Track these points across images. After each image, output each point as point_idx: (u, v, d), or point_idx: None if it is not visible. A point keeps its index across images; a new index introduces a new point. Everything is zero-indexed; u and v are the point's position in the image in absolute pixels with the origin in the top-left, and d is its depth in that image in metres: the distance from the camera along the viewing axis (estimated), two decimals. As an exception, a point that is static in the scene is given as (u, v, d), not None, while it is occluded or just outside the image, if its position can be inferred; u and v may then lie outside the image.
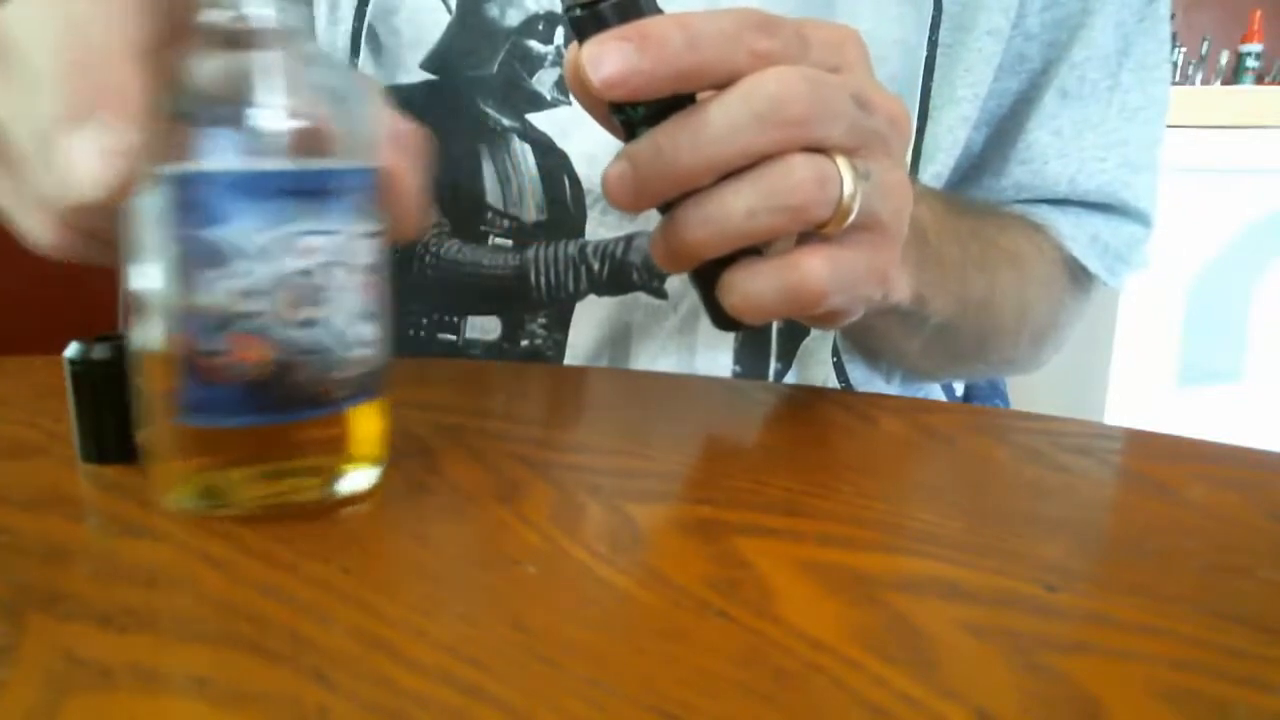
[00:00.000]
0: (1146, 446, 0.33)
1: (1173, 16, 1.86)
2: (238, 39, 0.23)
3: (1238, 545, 0.24)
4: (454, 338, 0.49)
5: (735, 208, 0.27)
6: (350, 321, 0.24)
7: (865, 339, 0.47)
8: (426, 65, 0.47)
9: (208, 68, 0.22)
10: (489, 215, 0.47)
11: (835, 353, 0.49)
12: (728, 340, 0.48)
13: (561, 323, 0.48)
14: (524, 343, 0.48)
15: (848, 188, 0.28)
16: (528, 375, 0.41)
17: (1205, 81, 1.91)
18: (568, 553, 0.22)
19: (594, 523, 0.24)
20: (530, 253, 0.47)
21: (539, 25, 0.45)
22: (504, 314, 0.48)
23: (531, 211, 0.47)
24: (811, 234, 0.29)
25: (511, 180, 0.47)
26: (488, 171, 0.47)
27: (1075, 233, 0.49)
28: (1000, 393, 0.75)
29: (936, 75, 0.47)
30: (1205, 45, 1.90)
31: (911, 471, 0.30)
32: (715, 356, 0.48)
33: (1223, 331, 1.47)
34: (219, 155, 0.22)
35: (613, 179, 0.28)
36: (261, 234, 0.22)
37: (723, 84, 0.27)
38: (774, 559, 0.22)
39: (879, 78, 0.46)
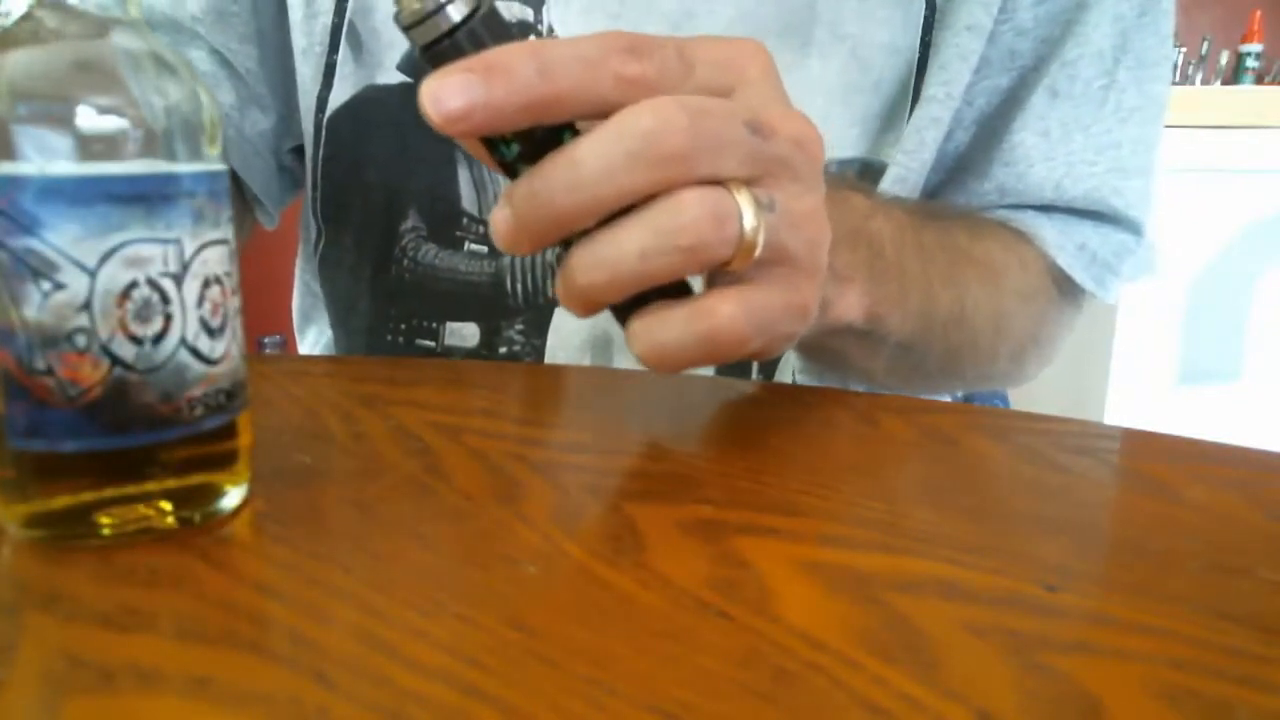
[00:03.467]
0: (1146, 446, 0.33)
1: (1173, 16, 1.85)
2: (57, 28, 0.21)
3: (1238, 545, 0.24)
4: (433, 343, 0.49)
5: (626, 250, 0.25)
6: (195, 336, 0.22)
7: (824, 360, 0.45)
8: (403, 67, 0.46)
9: (23, 60, 0.20)
10: (464, 221, 0.47)
11: (792, 372, 0.49)
12: None
13: (539, 329, 0.48)
14: (502, 349, 0.48)
15: (748, 222, 0.26)
16: (527, 375, 0.41)
17: (1205, 81, 1.91)
18: (568, 553, 0.22)
19: (594, 523, 0.24)
20: (506, 260, 0.47)
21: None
22: (481, 320, 0.48)
23: None
24: (720, 272, 0.27)
25: (488, 187, 0.47)
26: (463, 178, 0.47)
27: (1061, 240, 0.47)
28: (1000, 393, 0.75)
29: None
30: (1205, 45, 1.90)
31: (911, 471, 0.30)
32: (696, 372, 0.48)
33: (1223, 331, 1.48)
34: (35, 157, 0.20)
35: (497, 223, 0.26)
36: (85, 243, 0.20)
37: (593, 114, 0.25)
38: (774, 559, 0.22)
39: (865, 83, 0.46)
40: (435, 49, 0.25)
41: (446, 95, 0.23)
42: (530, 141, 0.26)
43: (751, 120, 0.26)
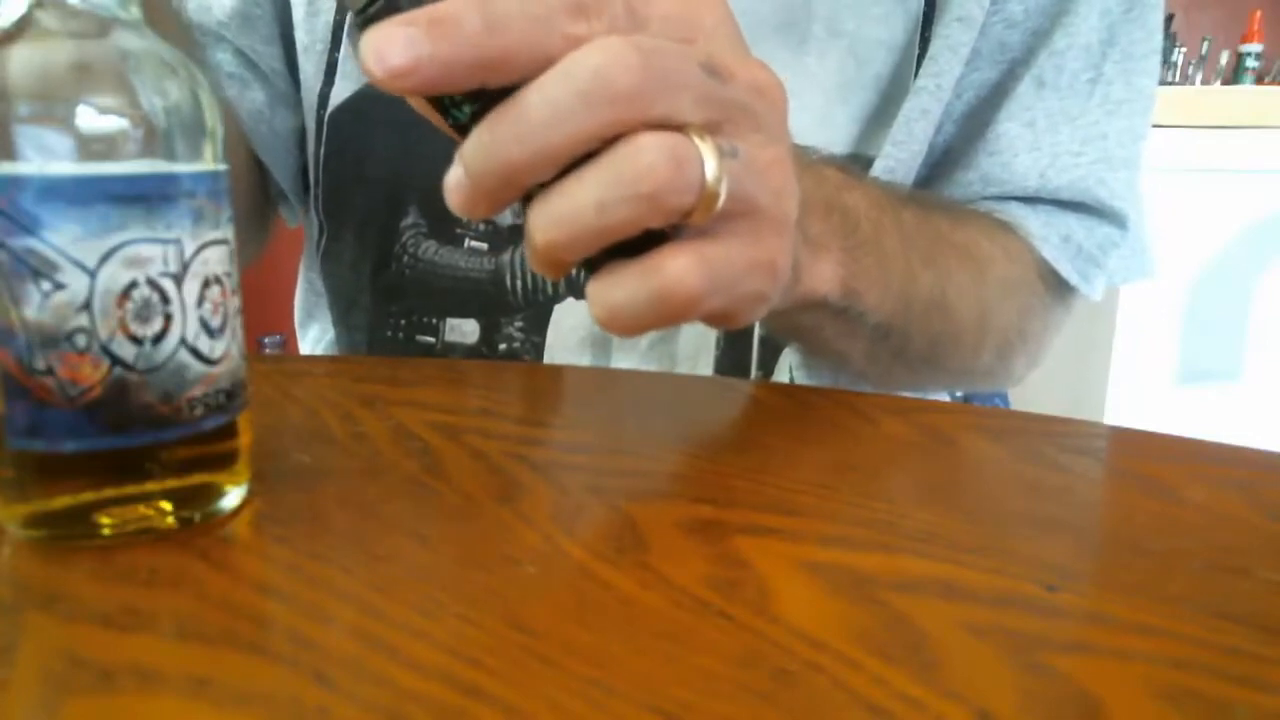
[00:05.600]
0: (1146, 446, 0.33)
1: (1172, 17, 1.86)
2: (57, 28, 0.21)
3: (1238, 545, 0.24)
4: (433, 340, 0.49)
5: (583, 202, 0.24)
6: (195, 336, 0.22)
7: (799, 340, 0.43)
8: None
9: (23, 60, 0.20)
10: (464, 218, 0.47)
11: (789, 368, 0.48)
12: (708, 351, 0.47)
13: (539, 326, 0.48)
14: (502, 346, 0.48)
15: (710, 168, 0.24)
16: (527, 375, 0.41)
17: (1205, 81, 1.91)
18: (568, 553, 0.22)
19: (594, 523, 0.24)
20: (506, 256, 0.47)
21: None
22: (481, 317, 0.48)
23: (507, 215, 0.46)
24: (682, 227, 0.26)
25: None
26: None
27: (1045, 232, 0.46)
28: (1000, 392, 0.75)
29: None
30: (1205, 45, 1.90)
31: (911, 471, 0.30)
32: (695, 367, 0.48)
33: (1223, 331, 1.47)
34: (35, 157, 0.20)
35: (450, 186, 0.25)
36: (85, 243, 0.20)
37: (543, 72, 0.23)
38: (774, 559, 0.22)
39: (862, 80, 0.46)
40: (370, 11, 0.23)
41: (390, 50, 0.22)
42: (483, 101, 0.24)
43: (707, 63, 0.24)
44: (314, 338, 0.58)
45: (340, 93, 0.48)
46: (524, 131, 0.23)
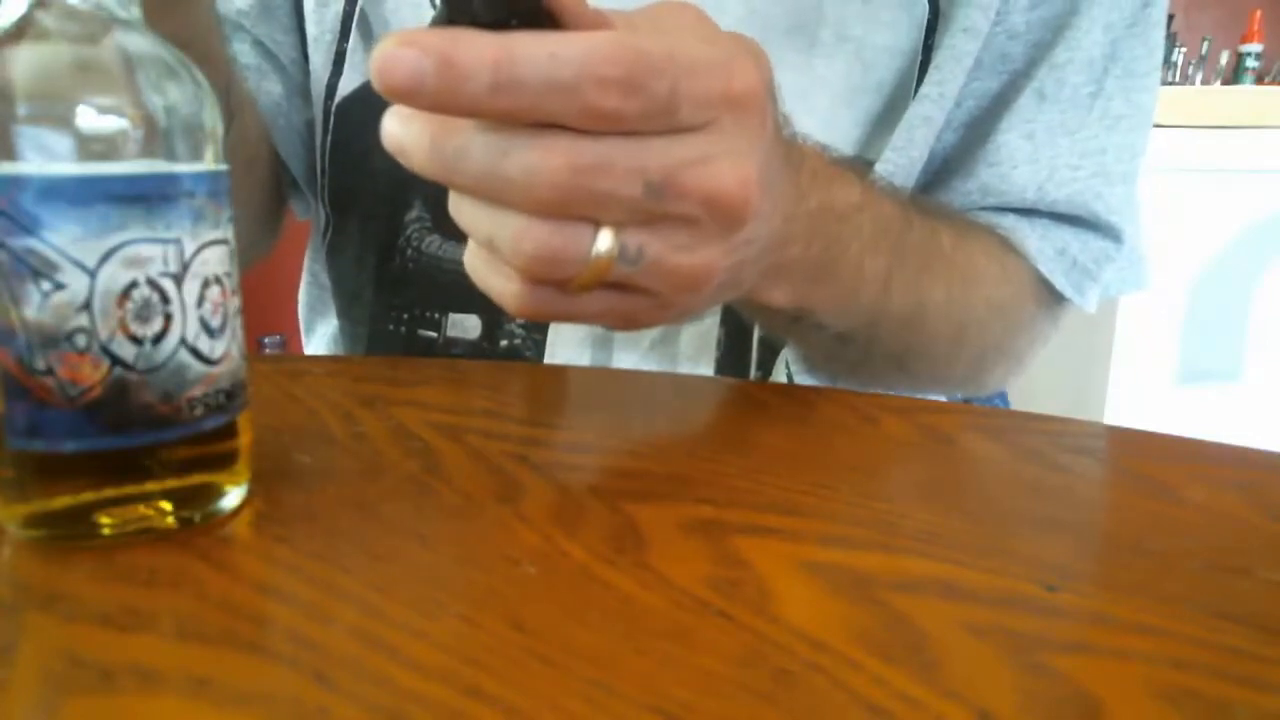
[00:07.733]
0: (1146, 446, 0.33)
1: (1172, 17, 1.85)
2: (57, 28, 0.21)
3: (1238, 545, 0.24)
4: (434, 335, 0.49)
5: (481, 231, 0.26)
6: (195, 336, 0.22)
7: (758, 322, 0.45)
8: None
9: (23, 60, 0.20)
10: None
11: (786, 364, 0.49)
12: (709, 351, 0.48)
13: (540, 323, 0.48)
14: (503, 343, 0.48)
15: (593, 264, 0.25)
16: (527, 375, 0.41)
17: (1205, 81, 1.91)
18: (568, 553, 0.22)
19: (594, 523, 0.24)
20: None
21: None
22: (484, 313, 0.48)
23: None
24: None
25: None
26: None
27: (1042, 245, 0.47)
28: (1000, 392, 0.74)
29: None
30: (1205, 45, 1.90)
31: (911, 471, 0.30)
32: (696, 367, 0.48)
33: (1222, 331, 1.47)
34: (36, 157, 0.20)
35: (389, 126, 0.25)
36: (85, 243, 0.20)
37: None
38: (774, 559, 0.22)
39: (867, 85, 0.46)
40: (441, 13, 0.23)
41: (395, 71, 0.22)
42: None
43: (658, 182, 0.24)
44: (319, 333, 0.58)
45: (348, 84, 0.48)
46: (457, 166, 0.24)
